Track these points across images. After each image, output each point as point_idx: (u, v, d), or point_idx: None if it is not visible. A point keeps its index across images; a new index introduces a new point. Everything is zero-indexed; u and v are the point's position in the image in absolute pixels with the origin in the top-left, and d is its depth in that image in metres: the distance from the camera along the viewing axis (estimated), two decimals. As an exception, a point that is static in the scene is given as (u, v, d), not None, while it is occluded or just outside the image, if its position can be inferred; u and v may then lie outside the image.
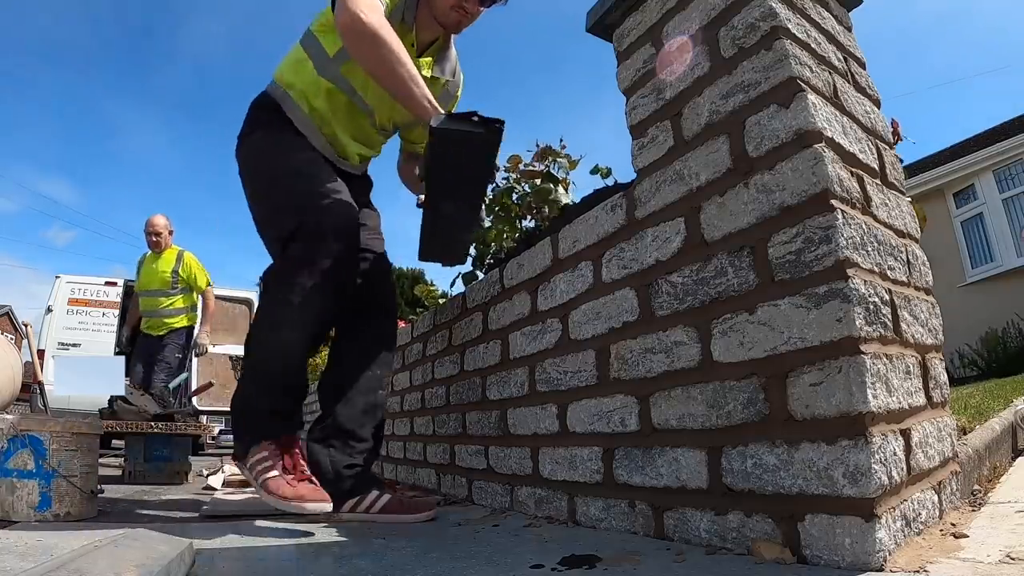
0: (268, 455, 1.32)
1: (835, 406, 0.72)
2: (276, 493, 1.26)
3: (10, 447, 1.41)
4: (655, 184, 1.03)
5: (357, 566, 0.88)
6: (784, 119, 0.82)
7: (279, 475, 1.29)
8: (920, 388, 0.84)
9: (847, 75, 0.99)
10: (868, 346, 0.72)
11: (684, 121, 0.99)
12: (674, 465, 0.93)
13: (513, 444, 1.40)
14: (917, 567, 0.66)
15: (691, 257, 0.95)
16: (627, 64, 1.14)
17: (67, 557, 0.65)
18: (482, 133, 1.21)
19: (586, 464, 1.13)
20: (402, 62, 1.28)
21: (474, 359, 1.65)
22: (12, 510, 1.38)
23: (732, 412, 0.85)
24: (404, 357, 2.34)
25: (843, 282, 0.73)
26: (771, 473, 0.78)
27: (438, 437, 1.91)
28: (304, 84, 1.49)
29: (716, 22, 0.94)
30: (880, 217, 0.88)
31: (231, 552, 1.01)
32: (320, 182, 1.44)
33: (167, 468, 2.80)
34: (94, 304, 6.42)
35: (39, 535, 1.12)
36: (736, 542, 0.82)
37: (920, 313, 0.89)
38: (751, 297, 0.84)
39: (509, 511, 1.39)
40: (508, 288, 1.49)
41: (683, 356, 0.94)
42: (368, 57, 1.30)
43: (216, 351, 6.76)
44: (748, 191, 0.86)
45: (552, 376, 1.26)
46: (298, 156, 1.49)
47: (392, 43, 1.28)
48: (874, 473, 0.67)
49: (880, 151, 0.96)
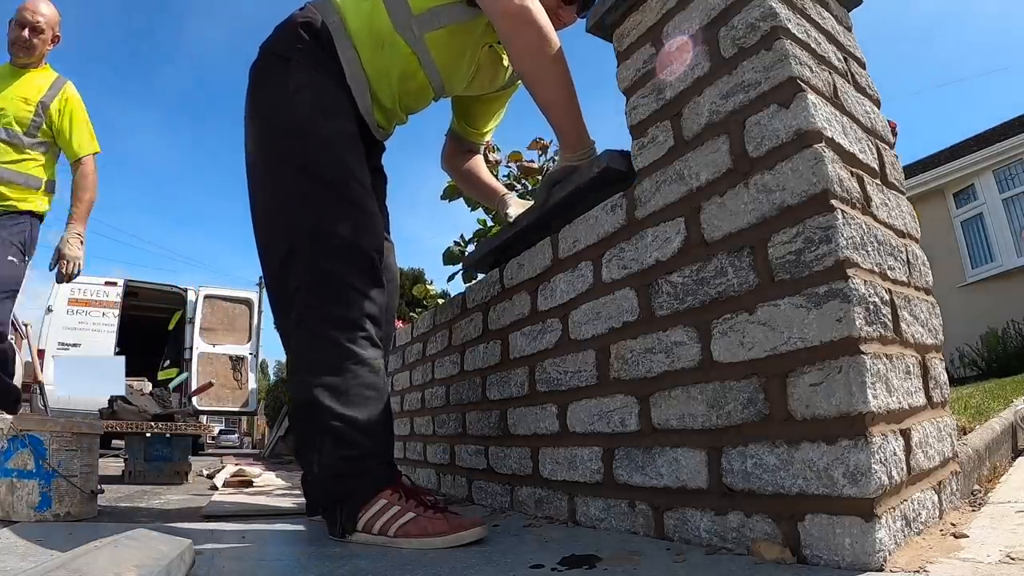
0: (388, 501, 1.08)
1: (835, 406, 0.72)
2: (431, 534, 1.02)
3: (10, 447, 1.41)
4: (655, 184, 1.03)
5: (357, 566, 0.88)
6: (784, 119, 0.82)
7: (415, 516, 1.06)
8: (920, 388, 0.84)
9: (847, 75, 0.99)
10: (868, 346, 0.72)
11: (684, 121, 0.99)
12: (674, 465, 0.93)
13: (513, 444, 1.40)
14: (917, 567, 0.66)
15: (691, 257, 0.95)
16: (627, 64, 1.14)
17: (67, 557, 0.65)
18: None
19: (586, 464, 1.13)
20: (567, 69, 1.17)
21: (474, 359, 1.65)
22: (12, 510, 1.38)
23: (732, 412, 0.85)
24: (404, 357, 2.34)
25: (843, 282, 0.73)
26: (771, 473, 0.78)
27: (438, 437, 1.91)
28: (369, 29, 1.26)
29: (716, 22, 0.94)
30: (880, 217, 0.88)
31: (231, 552, 1.00)
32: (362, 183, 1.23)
33: (167, 468, 2.80)
34: (94, 304, 6.43)
35: (39, 535, 1.13)
36: (736, 542, 0.82)
37: (920, 313, 0.89)
38: (751, 297, 0.84)
39: (509, 511, 1.39)
40: (508, 288, 1.49)
41: (683, 356, 0.94)
42: (535, 53, 1.16)
43: (216, 351, 6.79)
44: (748, 191, 0.86)
45: (552, 376, 1.26)
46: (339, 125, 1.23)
47: (559, 44, 1.16)
48: (874, 473, 0.67)
49: (880, 151, 0.96)
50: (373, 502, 1.09)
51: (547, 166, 2.46)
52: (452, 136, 1.69)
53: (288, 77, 1.23)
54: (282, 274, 1.20)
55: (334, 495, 1.13)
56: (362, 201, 1.21)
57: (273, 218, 1.23)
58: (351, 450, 1.12)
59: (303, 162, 1.19)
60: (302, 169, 1.19)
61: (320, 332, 1.15)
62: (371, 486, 1.11)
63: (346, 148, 1.23)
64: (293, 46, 1.25)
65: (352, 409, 1.12)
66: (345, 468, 1.12)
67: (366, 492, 1.10)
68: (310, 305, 1.16)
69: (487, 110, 1.63)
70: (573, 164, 1.21)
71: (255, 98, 1.29)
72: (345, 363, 1.13)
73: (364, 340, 1.16)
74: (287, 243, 1.18)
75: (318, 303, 1.15)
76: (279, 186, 1.21)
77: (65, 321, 6.21)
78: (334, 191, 1.19)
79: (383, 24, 1.26)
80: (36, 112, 2.16)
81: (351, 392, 1.13)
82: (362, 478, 1.12)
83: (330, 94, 1.24)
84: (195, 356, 6.62)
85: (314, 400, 1.13)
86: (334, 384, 1.12)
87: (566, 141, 1.22)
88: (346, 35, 1.26)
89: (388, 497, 1.09)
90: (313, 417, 1.14)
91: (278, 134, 1.23)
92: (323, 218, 1.17)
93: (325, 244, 1.16)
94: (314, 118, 1.21)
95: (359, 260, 1.18)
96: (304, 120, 1.20)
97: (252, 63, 1.31)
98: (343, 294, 1.15)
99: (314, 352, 1.15)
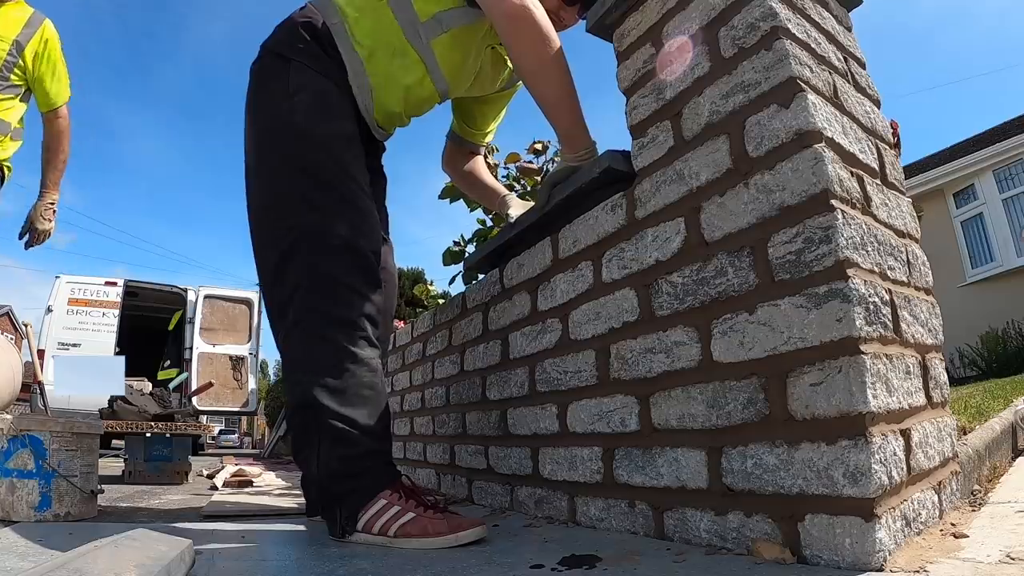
0: (388, 501, 1.08)
1: (835, 406, 0.72)
2: (431, 534, 1.02)
3: (10, 447, 1.41)
4: (655, 184, 1.03)
5: (357, 566, 0.88)
6: (784, 119, 0.82)
7: (415, 515, 1.05)
8: (920, 388, 0.84)
9: (847, 75, 0.99)
10: (868, 346, 0.72)
11: (684, 121, 0.99)
12: (674, 465, 0.93)
13: (513, 444, 1.40)
14: (917, 567, 0.66)
15: (691, 257, 0.95)
16: (627, 64, 1.14)
17: (67, 557, 0.65)
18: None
19: (586, 464, 1.13)
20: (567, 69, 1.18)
21: (474, 359, 1.65)
22: (12, 510, 1.38)
23: (732, 412, 0.85)
24: (404, 357, 2.34)
25: (843, 282, 0.73)
26: (771, 473, 0.78)
27: (438, 437, 1.91)
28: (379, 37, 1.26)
29: (716, 22, 0.94)
30: (880, 217, 0.88)
31: (231, 552, 1.00)
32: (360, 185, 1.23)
33: (167, 468, 2.81)
34: (94, 304, 6.43)
35: (39, 535, 1.13)
36: (736, 542, 0.82)
37: (920, 313, 0.89)
38: (751, 297, 0.84)
39: (509, 511, 1.39)
40: (508, 288, 1.49)
41: (683, 356, 0.94)
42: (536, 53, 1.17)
43: (216, 351, 6.79)
44: (748, 191, 0.86)
45: (552, 376, 1.26)
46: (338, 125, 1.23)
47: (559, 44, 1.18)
48: (874, 473, 0.67)
49: (880, 151, 0.96)
50: (373, 502, 1.08)
51: (546, 167, 2.46)
52: (452, 137, 1.69)
53: (287, 77, 1.23)
54: (279, 274, 1.20)
55: (333, 495, 1.12)
56: (359, 201, 1.22)
57: (270, 218, 1.23)
58: (350, 449, 1.12)
59: (302, 163, 1.19)
60: (301, 170, 1.19)
61: (318, 332, 1.15)
62: (370, 486, 1.10)
63: (344, 148, 1.23)
64: (294, 46, 1.24)
65: (350, 409, 1.12)
66: (344, 468, 1.12)
67: (365, 492, 1.10)
68: (308, 305, 1.16)
69: (488, 111, 1.63)
70: (574, 165, 1.21)
71: (256, 98, 1.29)
72: (343, 363, 1.13)
73: (362, 340, 1.17)
74: (285, 243, 1.18)
75: (316, 303, 1.15)
76: (277, 186, 1.21)
77: (65, 321, 6.21)
78: (332, 192, 1.19)
79: (394, 32, 1.26)
80: (10, 52, 1.86)
81: (349, 392, 1.13)
82: (361, 478, 1.11)
83: (329, 95, 1.23)
84: (195, 356, 6.62)
85: (313, 400, 1.12)
86: (333, 384, 1.12)
87: (566, 141, 1.22)
88: (348, 36, 1.25)
89: (388, 497, 1.08)
90: (312, 417, 1.14)
91: (277, 135, 1.23)
92: (321, 219, 1.17)
93: (323, 244, 1.16)
94: (312, 119, 1.21)
95: (357, 260, 1.18)
96: (303, 121, 1.20)
97: (253, 62, 1.31)
98: (341, 294, 1.15)
99: (312, 352, 1.15)
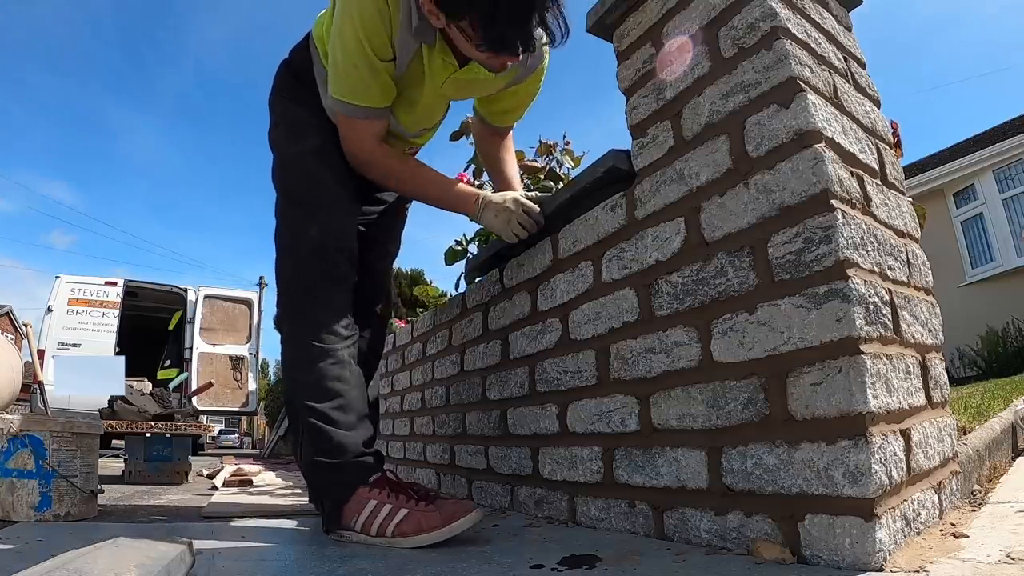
0: (379, 500, 1.09)
1: (835, 406, 0.72)
2: (426, 529, 1.03)
3: (10, 447, 1.41)
4: (655, 184, 1.03)
5: (357, 566, 0.88)
6: (784, 119, 0.82)
7: (408, 511, 1.06)
8: (920, 388, 0.84)
9: (847, 75, 0.99)
10: (868, 346, 0.72)
11: (684, 121, 0.99)
12: (674, 465, 0.93)
13: (513, 444, 1.40)
14: (917, 567, 0.66)
15: (691, 257, 0.95)
16: (627, 64, 1.14)
17: (67, 557, 0.65)
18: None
19: (586, 464, 1.13)
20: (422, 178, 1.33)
21: (474, 359, 1.65)
22: (12, 510, 1.38)
23: (732, 412, 0.85)
24: (404, 357, 2.34)
25: (843, 282, 0.73)
26: (771, 473, 0.78)
27: (438, 437, 1.91)
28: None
29: (716, 22, 0.94)
30: (880, 217, 0.88)
31: (231, 552, 1.01)
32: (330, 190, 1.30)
33: (167, 468, 2.81)
34: (94, 304, 6.43)
35: (39, 535, 1.13)
36: (736, 542, 0.82)
37: (920, 313, 0.89)
38: (751, 297, 0.84)
39: (509, 511, 1.39)
40: (508, 288, 1.49)
41: (683, 356, 0.94)
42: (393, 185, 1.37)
43: (216, 351, 6.79)
44: (748, 191, 0.86)
45: (552, 376, 1.26)
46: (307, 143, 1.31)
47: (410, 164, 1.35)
48: (874, 473, 0.67)
49: (880, 151, 0.96)
50: (364, 502, 1.10)
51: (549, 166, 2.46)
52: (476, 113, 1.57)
53: (273, 111, 1.39)
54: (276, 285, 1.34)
55: (315, 488, 1.22)
56: (331, 205, 1.30)
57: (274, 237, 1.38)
58: (324, 443, 1.17)
59: (283, 185, 1.35)
60: (283, 192, 1.34)
61: (293, 332, 1.27)
62: (349, 479, 1.14)
63: (315, 162, 1.32)
64: (279, 79, 1.40)
65: (322, 403, 1.19)
66: (321, 463, 1.17)
67: (345, 485, 1.13)
68: (286, 308, 1.29)
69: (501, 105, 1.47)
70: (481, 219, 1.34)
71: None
72: (313, 359, 1.21)
73: (329, 336, 1.24)
74: (277, 257, 1.33)
75: (291, 305, 1.28)
76: (275, 209, 1.37)
77: (65, 321, 6.21)
78: (303, 206, 1.30)
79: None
80: None
81: (319, 386, 1.20)
82: (339, 471, 1.16)
83: (300, 121, 1.34)
84: (195, 356, 6.62)
85: (292, 398, 1.24)
86: (305, 380, 1.21)
87: (462, 211, 1.36)
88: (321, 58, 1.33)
89: (378, 496, 1.10)
90: (293, 413, 1.25)
91: (273, 164, 1.39)
92: (294, 231, 1.30)
93: (296, 253, 1.28)
94: (285, 145, 1.35)
95: (324, 259, 1.27)
96: (281, 149, 1.36)
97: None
98: (309, 295, 1.25)
99: (291, 352, 1.26)
